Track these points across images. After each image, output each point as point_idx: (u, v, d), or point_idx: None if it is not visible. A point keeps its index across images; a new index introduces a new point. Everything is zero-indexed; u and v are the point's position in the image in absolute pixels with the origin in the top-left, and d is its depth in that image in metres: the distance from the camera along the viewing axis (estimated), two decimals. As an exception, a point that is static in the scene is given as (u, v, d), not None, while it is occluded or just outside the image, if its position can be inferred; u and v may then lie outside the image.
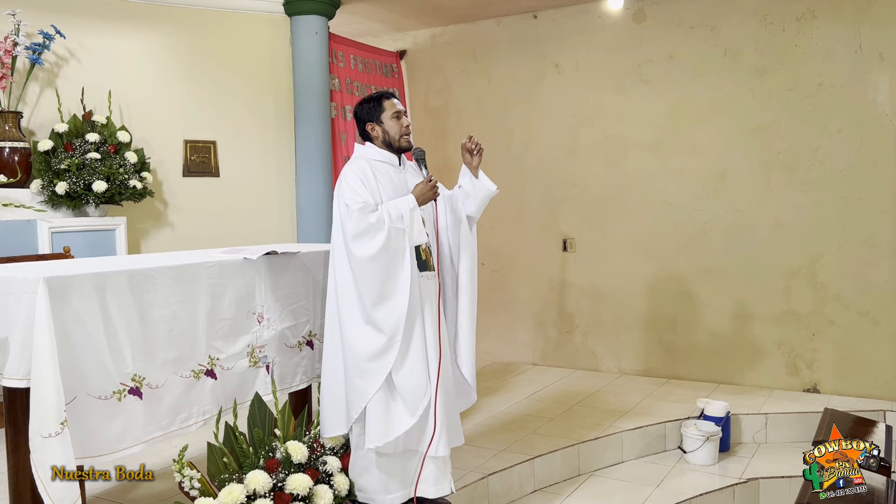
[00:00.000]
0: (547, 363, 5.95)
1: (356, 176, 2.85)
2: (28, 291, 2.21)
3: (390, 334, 2.75)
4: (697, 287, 5.34)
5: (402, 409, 2.79)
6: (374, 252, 2.73)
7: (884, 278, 4.78)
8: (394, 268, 2.76)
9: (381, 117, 2.96)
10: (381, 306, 2.75)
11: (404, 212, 2.79)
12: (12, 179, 4.18)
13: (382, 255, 2.74)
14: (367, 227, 2.74)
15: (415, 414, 2.78)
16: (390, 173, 2.96)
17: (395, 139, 2.96)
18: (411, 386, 2.79)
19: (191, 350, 2.68)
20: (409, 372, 2.79)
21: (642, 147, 5.50)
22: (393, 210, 2.78)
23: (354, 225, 2.75)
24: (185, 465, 2.58)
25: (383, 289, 2.75)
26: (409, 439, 2.85)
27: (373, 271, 2.75)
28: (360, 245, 2.75)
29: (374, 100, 2.98)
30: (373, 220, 2.74)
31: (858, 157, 4.82)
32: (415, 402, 2.79)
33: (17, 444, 2.31)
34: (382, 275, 2.75)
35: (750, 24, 5.08)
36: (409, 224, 2.78)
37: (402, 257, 2.76)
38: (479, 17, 5.99)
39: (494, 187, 3.09)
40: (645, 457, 4.18)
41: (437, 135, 6.34)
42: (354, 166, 2.90)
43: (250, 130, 5.17)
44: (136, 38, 4.79)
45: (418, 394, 2.79)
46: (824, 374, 4.97)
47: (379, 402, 2.81)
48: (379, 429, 2.79)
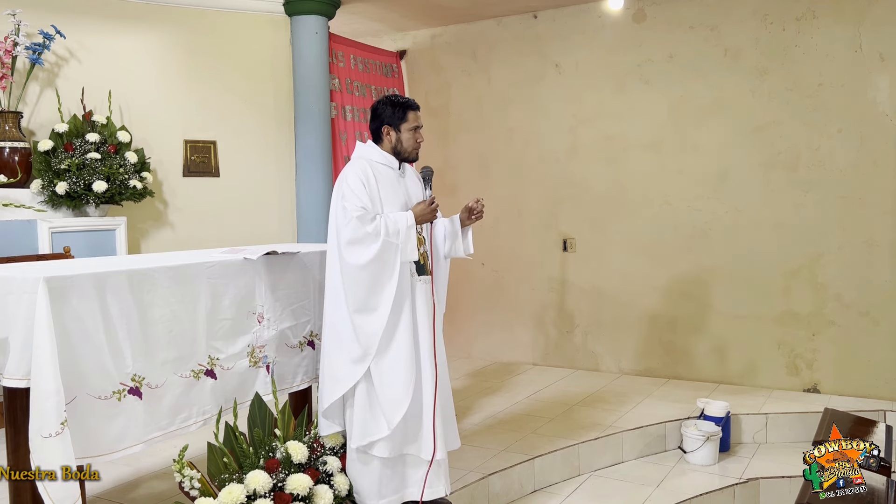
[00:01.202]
0: (547, 363, 5.95)
1: (357, 178, 2.85)
2: (28, 291, 2.21)
3: (365, 345, 2.78)
4: (697, 287, 5.34)
5: (381, 417, 2.81)
6: (365, 261, 2.76)
7: (884, 278, 4.78)
8: (381, 280, 2.78)
9: (400, 126, 2.98)
10: (361, 315, 2.78)
11: (401, 227, 2.81)
12: (12, 179, 4.18)
13: (373, 265, 2.76)
14: (362, 236, 2.76)
15: (390, 424, 2.78)
16: (391, 177, 2.97)
17: (406, 150, 3.00)
18: (389, 395, 2.79)
19: (191, 350, 2.68)
20: (387, 381, 2.80)
21: (642, 147, 5.50)
22: (391, 224, 2.80)
23: (351, 232, 2.77)
24: (185, 465, 2.58)
25: (367, 300, 2.78)
26: (404, 444, 2.86)
27: (361, 280, 2.77)
28: (353, 252, 2.78)
29: (400, 106, 2.99)
30: (370, 229, 2.76)
31: (858, 157, 4.82)
32: (391, 411, 2.79)
33: (17, 444, 2.31)
34: (369, 285, 2.78)
35: (750, 24, 5.08)
36: (403, 240, 2.80)
37: (391, 271, 2.79)
38: (479, 17, 5.99)
39: (472, 251, 3.14)
40: (645, 457, 4.18)
41: (438, 135, 6.34)
42: (356, 167, 2.91)
43: (250, 130, 5.17)
44: (136, 38, 4.79)
45: (395, 404, 2.79)
46: (824, 374, 4.97)
47: (363, 403, 2.83)
48: (361, 429, 2.83)
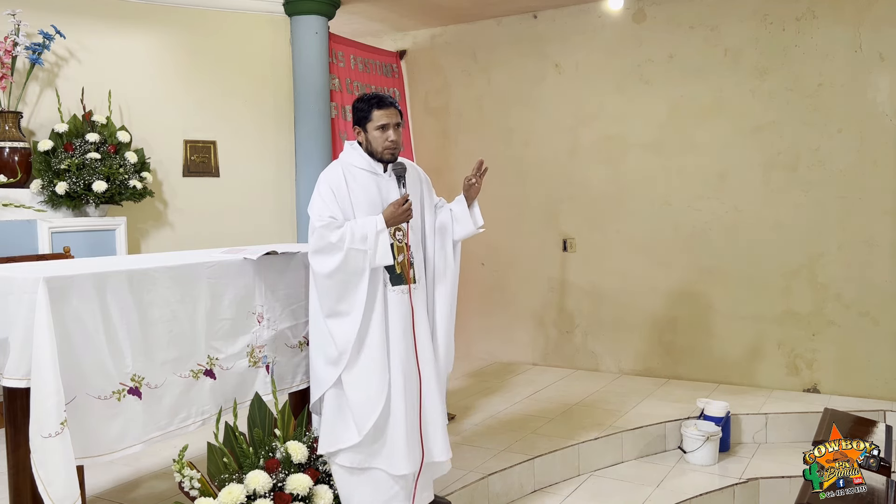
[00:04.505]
0: (547, 363, 5.95)
1: (328, 185, 2.82)
2: (28, 291, 2.21)
3: (340, 349, 2.78)
4: (697, 287, 5.34)
5: (351, 424, 2.78)
6: (329, 270, 2.74)
7: (884, 278, 4.78)
8: (349, 288, 2.76)
9: (366, 125, 2.86)
10: (333, 320, 2.79)
11: (369, 233, 2.72)
12: (12, 179, 4.18)
13: (339, 273, 2.74)
14: (325, 245, 2.74)
15: (361, 431, 2.76)
16: (368, 182, 2.87)
17: (376, 150, 2.87)
18: (360, 402, 2.77)
19: (190, 350, 2.68)
20: (359, 388, 2.78)
21: (642, 147, 5.50)
22: (358, 230, 2.72)
23: (315, 241, 2.76)
24: (185, 465, 2.58)
25: (337, 305, 2.78)
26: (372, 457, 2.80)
27: (328, 287, 2.77)
28: (318, 261, 2.77)
29: (366, 103, 2.86)
30: (333, 238, 2.72)
31: (858, 157, 4.82)
32: (361, 419, 2.76)
33: (17, 443, 2.31)
34: (337, 292, 2.76)
35: (750, 24, 5.08)
36: (372, 246, 2.72)
37: (358, 278, 2.75)
38: (479, 17, 5.99)
39: (481, 222, 3.06)
40: (645, 457, 4.18)
41: (438, 135, 6.34)
42: (330, 174, 2.87)
43: (250, 130, 5.17)
44: (136, 38, 4.79)
45: (366, 412, 2.76)
46: (824, 374, 4.97)
47: (332, 411, 2.82)
48: (328, 436, 2.82)
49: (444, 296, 3.03)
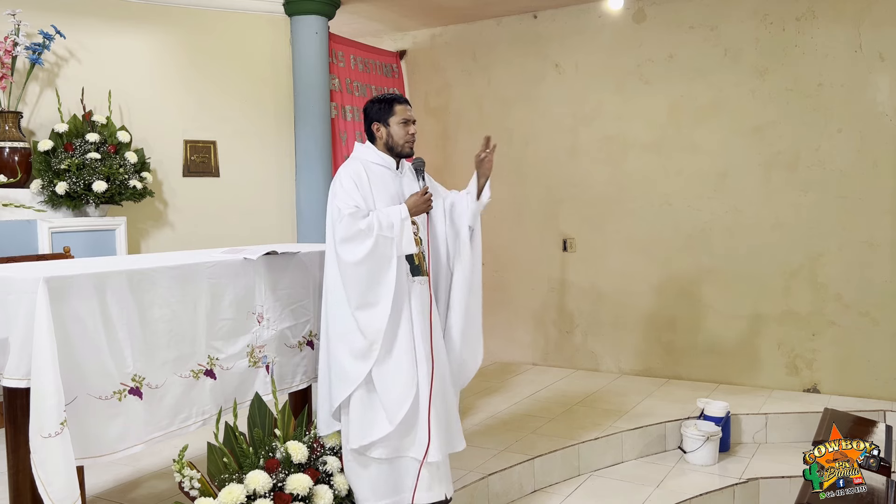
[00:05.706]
0: (547, 363, 5.95)
1: (350, 177, 2.86)
2: (28, 291, 2.21)
3: (371, 340, 2.77)
4: (697, 287, 5.34)
5: (382, 415, 2.79)
6: (360, 258, 2.75)
7: (884, 278, 4.78)
8: (379, 275, 2.77)
9: (388, 120, 2.96)
10: (363, 311, 2.78)
11: (395, 221, 2.80)
12: (12, 179, 4.18)
13: (368, 261, 2.75)
14: (355, 233, 2.76)
15: (393, 422, 2.77)
16: (386, 177, 2.96)
17: (398, 144, 2.97)
18: (392, 393, 2.78)
19: (190, 350, 2.68)
20: (390, 379, 2.79)
21: (642, 147, 5.50)
22: (384, 218, 2.79)
23: (344, 229, 2.77)
24: (185, 465, 2.58)
25: (367, 295, 2.78)
26: (401, 445, 2.83)
27: (358, 276, 2.77)
28: (348, 249, 2.77)
29: (386, 101, 2.98)
30: (362, 226, 2.76)
31: (858, 157, 4.82)
32: (394, 409, 2.78)
33: (17, 443, 2.31)
34: (367, 281, 2.77)
35: (750, 24, 5.08)
36: (398, 234, 2.79)
37: (387, 265, 2.77)
38: (479, 17, 5.99)
39: (489, 195, 3.09)
40: (645, 457, 4.18)
41: (438, 135, 6.34)
42: (349, 167, 2.91)
43: (250, 130, 5.17)
44: (136, 38, 4.79)
45: (398, 402, 2.78)
46: (824, 374, 4.97)
47: (360, 404, 2.82)
48: (359, 430, 2.82)
49: (461, 283, 3.01)
